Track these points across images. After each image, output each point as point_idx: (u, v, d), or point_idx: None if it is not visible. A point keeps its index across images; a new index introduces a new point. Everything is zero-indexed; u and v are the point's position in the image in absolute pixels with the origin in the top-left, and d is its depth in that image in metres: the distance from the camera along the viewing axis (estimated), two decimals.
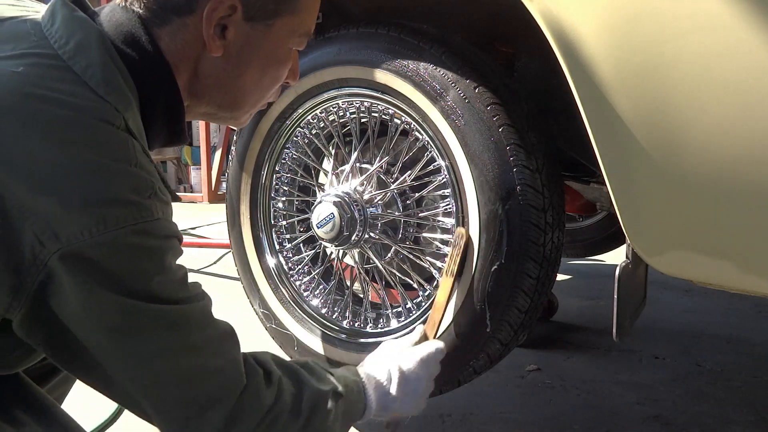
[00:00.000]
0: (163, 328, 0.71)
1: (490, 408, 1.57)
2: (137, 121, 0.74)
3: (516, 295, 1.13)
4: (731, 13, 0.81)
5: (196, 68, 0.81)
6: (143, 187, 0.70)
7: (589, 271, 2.94)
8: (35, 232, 0.64)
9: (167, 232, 0.72)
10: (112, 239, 0.66)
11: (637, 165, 0.92)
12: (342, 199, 1.28)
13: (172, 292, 0.72)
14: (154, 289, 0.70)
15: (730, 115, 0.84)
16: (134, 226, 0.67)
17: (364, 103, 1.31)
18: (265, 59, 0.84)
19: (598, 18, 0.90)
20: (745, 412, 1.54)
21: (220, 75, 0.83)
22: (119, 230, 0.66)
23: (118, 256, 0.67)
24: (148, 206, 0.69)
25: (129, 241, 0.67)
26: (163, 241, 0.71)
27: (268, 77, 0.86)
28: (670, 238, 0.95)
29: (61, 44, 0.71)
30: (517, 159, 1.10)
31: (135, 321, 0.69)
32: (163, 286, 0.71)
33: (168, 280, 0.72)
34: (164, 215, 0.72)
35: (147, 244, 0.69)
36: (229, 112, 0.89)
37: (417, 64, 1.16)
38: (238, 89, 0.85)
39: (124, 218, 0.67)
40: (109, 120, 0.69)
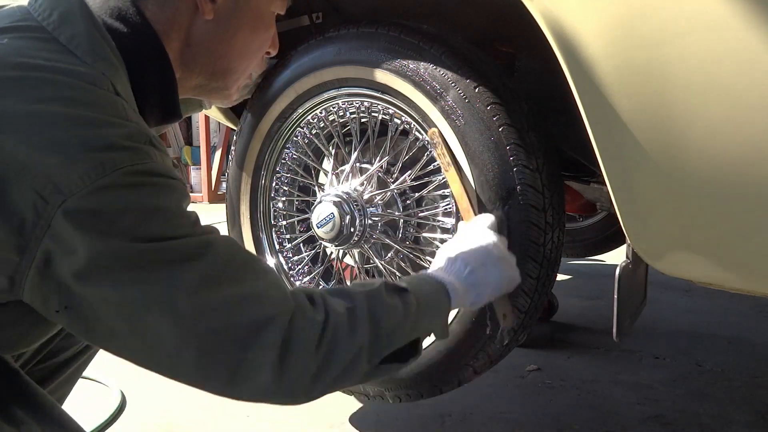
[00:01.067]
0: (186, 260, 0.66)
1: (490, 408, 1.57)
2: (127, 91, 0.74)
3: (516, 295, 1.13)
4: (731, 13, 0.81)
5: (187, 36, 0.83)
6: (138, 136, 0.69)
7: (589, 271, 2.94)
8: (36, 189, 0.62)
9: (170, 173, 0.71)
10: (112, 182, 0.64)
11: (637, 165, 0.92)
12: (342, 199, 1.28)
13: (186, 227, 0.68)
14: (167, 226, 0.67)
15: (731, 115, 0.84)
16: (132, 166, 0.66)
17: (364, 103, 1.31)
18: (253, 21, 0.87)
19: (598, 18, 0.90)
20: (745, 412, 1.54)
21: (212, 40, 0.84)
22: (117, 171, 0.64)
23: (124, 198, 0.65)
24: (146, 151, 0.68)
25: (129, 180, 0.65)
26: (164, 179, 0.69)
27: (256, 41, 0.89)
28: (670, 238, 0.95)
29: (45, 16, 0.72)
30: (517, 159, 1.10)
31: (152, 261, 0.65)
32: (175, 222, 0.68)
33: (178, 215, 0.69)
34: (162, 162, 0.71)
35: (149, 181, 0.67)
36: (221, 80, 0.90)
37: (417, 64, 1.16)
38: (229, 54, 0.87)
39: (121, 161, 0.65)
40: (98, 84, 0.69)
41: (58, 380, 1.04)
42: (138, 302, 0.65)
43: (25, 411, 0.81)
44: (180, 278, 0.65)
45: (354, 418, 1.53)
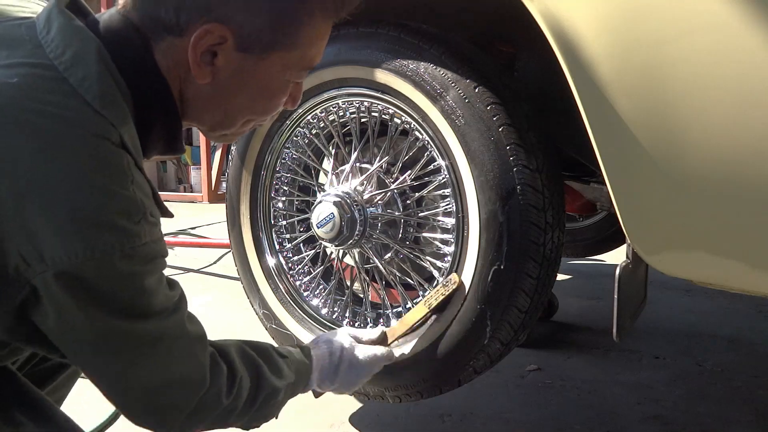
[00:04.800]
0: (138, 345, 0.74)
1: (490, 408, 1.57)
2: (132, 134, 0.73)
3: (516, 295, 1.13)
4: (731, 13, 0.81)
5: (182, 89, 0.80)
6: (134, 211, 0.69)
7: (589, 271, 2.94)
8: (20, 250, 0.64)
9: (153, 255, 0.73)
10: (98, 264, 0.67)
11: (637, 165, 0.92)
12: (342, 199, 1.28)
13: (148, 310, 0.74)
14: (132, 310, 0.72)
15: (730, 115, 0.84)
16: (120, 252, 0.68)
17: (364, 103, 1.31)
18: (256, 90, 0.81)
19: (598, 18, 0.89)
20: (745, 412, 1.54)
21: (206, 100, 0.81)
22: (106, 256, 0.67)
23: (102, 280, 0.68)
24: (137, 232, 0.69)
25: (114, 266, 0.68)
26: (147, 265, 0.72)
27: (258, 106, 0.84)
28: (670, 238, 0.95)
29: (57, 54, 0.69)
30: (517, 159, 1.10)
31: (110, 339, 0.72)
32: (140, 307, 0.73)
33: (146, 300, 0.73)
34: (151, 238, 0.72)
35: (131, 269, 0.70)
36: (216, 132, 0.88)
37: (417, 64, 1.16)
38: (225, 115, 0.84)
39: (111, 244, 0.67)
40: (104, 135, 0.68)
41: (57, 381, 1.04)
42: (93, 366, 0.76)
43: (23, 412, 0.81)
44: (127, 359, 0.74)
45: (354, 417, 1.53)
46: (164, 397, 0.78)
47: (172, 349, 0.77)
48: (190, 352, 0.80)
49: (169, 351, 0.77)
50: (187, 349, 0.80)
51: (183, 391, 0.80)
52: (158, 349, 0.76)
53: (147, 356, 0.75)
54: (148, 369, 0.76)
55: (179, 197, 6.52)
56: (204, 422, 0.85)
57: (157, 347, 0.76)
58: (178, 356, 0.78)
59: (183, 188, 7.16)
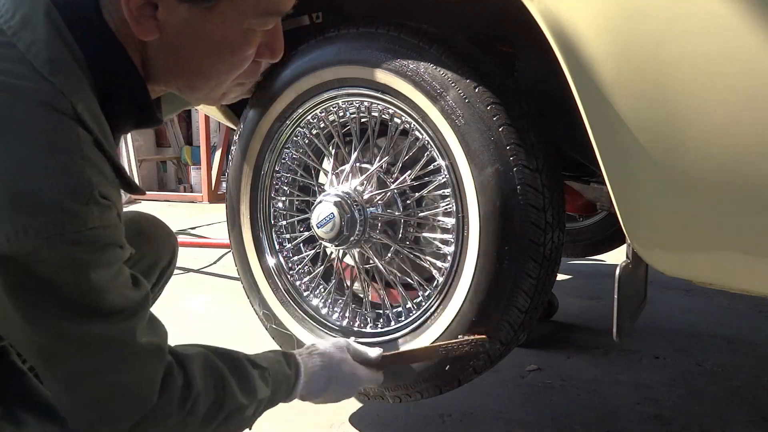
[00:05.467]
0: (82, 350, 0.68)
1: (490, 408, 1.57)
2: (91, 105, 0.67)
3: (516, 295, 1.13)
4: (731, 13, 0.81)
5: (142, 50, 0.73)
6: (80, 190, 0.63)
7: (589, 271, 2.94)
8: None
9: (103, 242, 0.66)
10: (34, 248, 0.60)
11: (637, 165, 0.92)
12: (342, 199, 1.28)
13: (95, 309, 0.67)
14: (74, 306, 0.65)
15: (730, 115, 0.84)
16: (63, 236, 0.61)
17: (364, 103, 1.31)
18: (214, 45, 0.74)
19: (598, 18, 0.89)
20: (745, 412, 1.54)
21: (166, 59, 0.74)
22: (43, 240, 0.60)
23: (44, 267, 0.61)
24: (82, 214, 0.62)
25: (54, 252, 0.61)
26: (96, 254, 0.65)
27: (223, 63, 0.76)
28: (671, 238, 0.95)
29: (6, 18, 0.65)
30: (517, 159, 1.10)
31: (50, 336, 0.66)
32: (86, 304, 0.66)
33: (94, 296, 0.66)
34: (102, 223, 0.65)
35: (74, 258, 0.63)
36: (192, 94, 0.81)
37: (417, 64, 1.16)
38: (190, 76, 0.77)
39: (47, 227, 0.60)
40: (52, 105, 0.63)
41: None
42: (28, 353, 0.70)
43: (27, 411, 0.81)
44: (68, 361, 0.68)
45: (354, 417, 1.53)
46: (105, 407, 0.72)
47: (117, 358, 0.70)
48: (140, 364, 0.72)
49: (114, 360, 0.70)
50: (137, 361, 0.72)
51: (125, 405, 0.72)
52: (101, 356, 0.69)
53: (87, 362, 0.68)
54: (88, 376, 0.69)
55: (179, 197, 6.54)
56: None
57: (100, 354, 0.69)
58: (124, 366, 0.71)
59: (183, 188, 7.17)
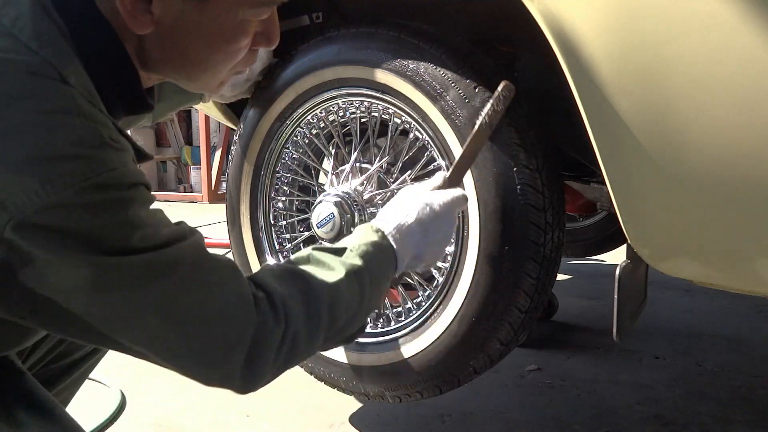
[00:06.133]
0: (151, 277, 0.64)
1: (490, 408, 1.57)
2: (82, 79, 0.66)
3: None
4: (731, 13, 0.81)
5: (138, 41, 0.73)
6: (89, 137, 0.62)
7: (589, 271, 2.94)
8: None
9: (130, 180, 0.65)
10: (64, 200, 0.59)
11: (637, 165, 0.92)
12: (342, 199, 1.28)
13: (150, 239, 0.65)
14: (130, 242, 0.63)
15: (730, 115, 0.84)
16: (87, 181, 0.60)
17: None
18: (209, 37, 0.74)
19: (598, 18, 0.89)
20: (745, 412, 1.54)
21: (162, 52, 0.74)
22: (69, 189, 0.59)
23: (77, 216, 0.60)
24: (100, 157, 0.62)
25: (85, 198, 0.60)
26: (126, 191, 0.64)
27: (220, 54, 0.76)
28: (671, 238, 0.95)
29: None
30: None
31: (116, 278, 0.62)
32: (138, 237, 0.64)
33: (142, 229, 0.64)
34: (122, 163, 0.64)
35: (107, 197, 0.62)
36: (189, 84, 0.81)
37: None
38: (187, 67, 0.77)
39: (71, 176, 0.60)
40: (41, 73, 0.62)
41: (66, 382, 1.04)
42: (105, 320, 0.65)
43: (28, 413, 0.81)
44: (145, 299, 0.64)
45: (354, 417, 1.53)
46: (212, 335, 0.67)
47: (198, 278, 0.67)
48: (223, 281, 0.69)
49: (196, 281, 0.67)
50: (218, 277, 0.69)
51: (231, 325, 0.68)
52: (180, 280, 0.66)
53: (168, 289, 0.65)
54: (176, 305, 0.65)
55: (179, 197, 6.53)
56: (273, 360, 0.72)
57: (178, 278, 0.65)
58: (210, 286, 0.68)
59: (183, 188, 7.17)
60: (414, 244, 0.89)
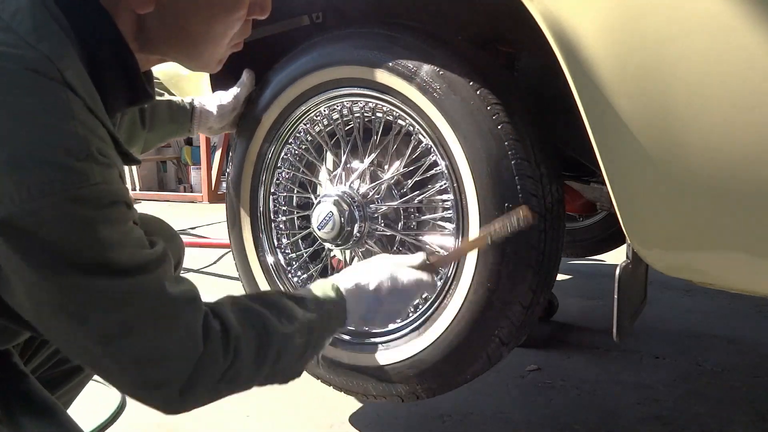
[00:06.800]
0: (108, 306, 0.64)
1: (490, 408, 1.57)
2: (80, 73, 0.66)
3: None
4: (731, 12, 0.81)
5: (139, 20, 0.75)
6: (77, 148, 0.61)
7: (589, 271, 2.94)
8: None
9: (108, 199, 0.64)
10: (39, 208, 0.59)
11: (637, 165, 0.92)
12: (339, 198, 1.28)
13: (118, 263, 0.64)
14: (97, 263, 0.63)
15: (731, 114, 0.84)
16: (65, 193, 0.60)
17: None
18: (209, 8, 0.76)
19: (598, 18, 0.89)
20: (745, 412, 1.54)
21: (163, 29, 0.76)
22: (46, 198, 0.59)
23: (50, 227, 0.60)
24: (83, 170, 0.61)
25: (61, 210, 0.60)
26: (102, 210, 0.63)
27: (219, 25, 0.78)
28: (670, 238, 0.95)
29: None
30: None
31: (75, 299, 0.63)
32: (107, 259, 0.63)
33: (113, 251, 0.64)
34: (104, 179, 0.64)
35: (80, 214, 0.61)
36: (189, 62, 0.82)
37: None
38: (188, 42, 0.78)
39: (51, 184, 0.59)
40: (38, 70, 0.62)
41: (68, 386, 1.04)
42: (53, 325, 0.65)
43: (30, 415, 0.80)
44: (97, 323, 0.64)
45: (354, 417, 1.53)
46: (151, 366, 0.68)
47: (149, 311, 0.67)
48: (176, 313, 0.69)
49: (147, 313, 0.67)
50: (171, 310, 0.69)
51: (174, 360, 0.70)
52: (132, 310, 0.66)
53: (121, 319, 0.65)
54: (123, 334, 0.65)
55: (179, 197, 6.52)
56: (208, 390, 0.74)
57: (132, 310, 0.65)
58: (159, 320, 0.68)
59: (183, 188, 7.16)
60: (365, 308, 0.92)
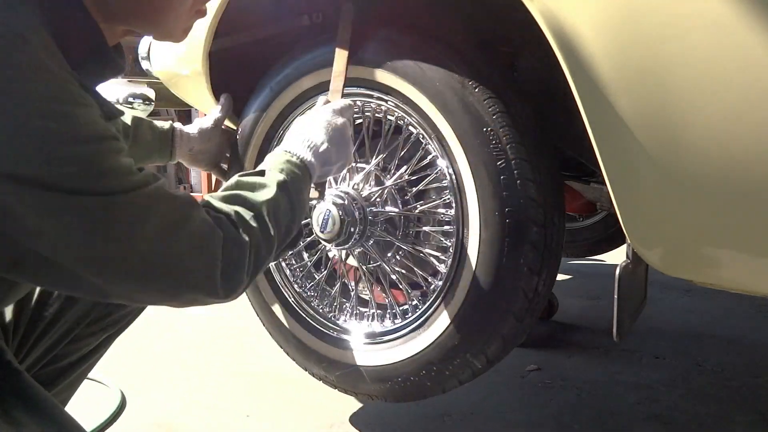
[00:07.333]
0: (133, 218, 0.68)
1: (490, 408, 1.57)
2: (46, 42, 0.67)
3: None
4: (731, 12, 0.81)
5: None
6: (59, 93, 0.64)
7: (589, 271, 2.94)
8: None
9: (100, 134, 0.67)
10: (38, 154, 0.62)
11: (637, 165, 0.92)
12: (341, 199, 1.28)
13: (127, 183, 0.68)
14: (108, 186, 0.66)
15: (730, 114, 0.84)
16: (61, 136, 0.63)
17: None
18: None
19: (598, 17, 0.89)
20: (745, 412, 1.54)
21: None
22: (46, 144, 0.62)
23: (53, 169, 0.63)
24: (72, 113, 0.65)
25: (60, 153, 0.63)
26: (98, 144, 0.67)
27: None
28: (671, 238, 0.95)
29: None
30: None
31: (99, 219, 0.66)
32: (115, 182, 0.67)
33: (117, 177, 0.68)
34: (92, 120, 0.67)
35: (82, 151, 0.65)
36: (152, 30, 0.83)
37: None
38: (148, 9, 0.79)
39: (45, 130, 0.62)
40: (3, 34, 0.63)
41: (63, 384, 1.04)
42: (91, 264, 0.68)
43: (26, 412, 0.80)
44: (130, 239, 0.68)
45: (354, 417, 1.53)
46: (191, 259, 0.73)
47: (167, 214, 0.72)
48: (187, 209, 0.75)
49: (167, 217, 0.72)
50: (183, 207, 0.74)
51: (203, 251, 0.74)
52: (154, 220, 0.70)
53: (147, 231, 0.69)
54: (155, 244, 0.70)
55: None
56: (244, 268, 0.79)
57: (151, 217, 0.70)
58: (178, 219, 0.73)
59: (183, 188, 7.16)
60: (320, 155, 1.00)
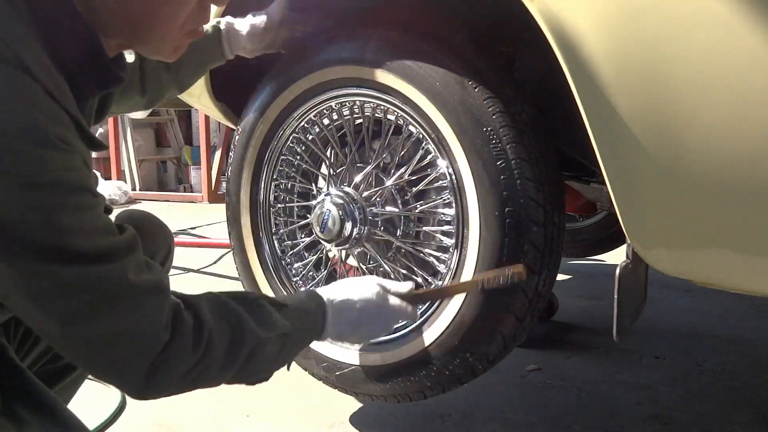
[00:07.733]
0: (69, 291, 0.65)
1: (490, 408, 1.57)
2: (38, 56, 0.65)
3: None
4: (731, 12, 0.81)
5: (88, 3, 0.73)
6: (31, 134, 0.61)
7: (589, 271, 2.94)
8: None
9: (69, 185, 0.64)
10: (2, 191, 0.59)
11: (637, 165, 0.92)
12: (341, 198, 1.28)
13: (81, 251, 0.65)
14: (59, 249, 0.63)
15: (731, 114, 0.84)
16: (19, 179, 0.60)
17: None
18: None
19: (598, 17, 0.89)
20: (745, 412, 1.54)
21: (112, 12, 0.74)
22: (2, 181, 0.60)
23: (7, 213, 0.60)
24: (38, 157, 0.61)
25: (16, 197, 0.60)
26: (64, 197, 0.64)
27: (165, 7, 0.75)
28: (671, 238, 0.95)
29: None
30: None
31: (36, 283, 0.64)
32: (69, 246, 0.64)
33: (75, 238, 0.64)
34: (64, 166, 0.64)
35: (40, 200, 0.62)
36: (143, 46, 0.80)
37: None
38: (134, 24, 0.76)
39: (6, 170, 0.59)
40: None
41: (64, 382, 1.03)
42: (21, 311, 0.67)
43: (28, 410, 0.80)
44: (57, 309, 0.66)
45: (354, 417, 1.53)
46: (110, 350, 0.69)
47: (110, 297, 0.68)
48: (136, 302, 0.70)
49: (107, 299, 0.67)
50: (132, 298, 0.70)
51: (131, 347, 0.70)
52: (92, 296, 0.66)
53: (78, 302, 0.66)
54: (83, 317, 0.66)
55: (179, 197, 6.53)
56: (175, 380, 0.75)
57: (90, 294, 0.66)
58: (119, 306, 0.68)
59: (183, 188, 7.17)
60: (344, 326, 0.96)
